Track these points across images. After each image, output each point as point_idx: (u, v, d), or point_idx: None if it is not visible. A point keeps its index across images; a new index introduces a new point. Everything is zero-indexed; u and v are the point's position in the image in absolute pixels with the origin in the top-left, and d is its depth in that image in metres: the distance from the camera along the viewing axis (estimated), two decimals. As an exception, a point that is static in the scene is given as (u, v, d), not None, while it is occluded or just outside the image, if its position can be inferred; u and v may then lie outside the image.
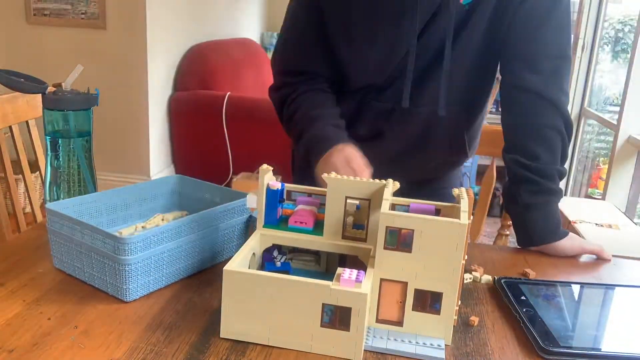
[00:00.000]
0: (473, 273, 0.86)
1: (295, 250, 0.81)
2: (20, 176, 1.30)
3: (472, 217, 0.70)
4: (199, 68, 3.48)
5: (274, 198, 0.77)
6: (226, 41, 4.01)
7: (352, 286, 0.63)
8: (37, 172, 1.37)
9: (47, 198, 0.94)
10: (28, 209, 1.32)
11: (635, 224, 2.43)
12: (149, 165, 3.25)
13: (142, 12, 3.03)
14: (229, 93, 3.33)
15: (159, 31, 3.19)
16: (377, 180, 0.74)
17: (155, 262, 0.75)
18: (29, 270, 0.80)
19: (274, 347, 0.66)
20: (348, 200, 0.75)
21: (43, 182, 1.36)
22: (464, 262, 0.67)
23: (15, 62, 3.15)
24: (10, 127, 1.27)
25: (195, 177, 0.98)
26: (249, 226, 0.89)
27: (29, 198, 1.31)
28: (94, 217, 0.87)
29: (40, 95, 0.92)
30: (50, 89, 0.92)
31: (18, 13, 3.15)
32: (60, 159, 0.93)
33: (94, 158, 0.96)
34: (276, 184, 0.77)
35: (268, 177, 0.77)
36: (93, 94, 0.93)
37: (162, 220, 0.90)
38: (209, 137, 3.35)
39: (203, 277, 0.81)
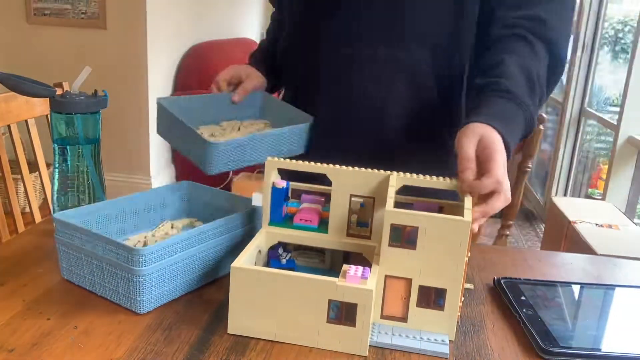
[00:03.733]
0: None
1: (299, 248, 0.82)
2: (19, 176, 1.30)
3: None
4: (199, 68, 3.48)
5: (279, 196, 0.77)
6: (226, 41, 4.01)
7: (358, 282, 0.64)
8: (37, 172, 1.36)
9: (55, 205, 0.93)
10: (27, 209, 1.32)
11: (635, 224, 2.43)
12: (148, 165, 3.25)
13: (142, 12, 3.03)
14: (229, 93, 3.33)
15: (159, 31, 3.19)
16: (379, 171, 0.75)
17: (169, 274, 0.73)
18: (29, 270, 0.80)
19: (274, 347, 0.66)
20: (352, 199, 0.75)
21: (43, 183, 1.36)
22: (467, 259, 0.67)
23: (16, 62, 3.15)
24: (8, 127, 1.27)
25: (195, 177, 0.97)
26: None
27: (28, 198, 1.31)
28: (102, 226, 0.84)
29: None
30: (58, 91, 0.91)
31: (18, 13, 3.15)
32: (69, 166, 0.92)
33: (102, 163, 0.95)
34: (281, 183, 0.77)
35: (274, 176, 0.77)
36: (102, 95, 0.92)
37: (172, 227, 0.90)
38: (209, 137, 3.35)
39: (203, 277, 0.81)
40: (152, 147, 3.26)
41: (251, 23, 4.99)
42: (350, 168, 0.75)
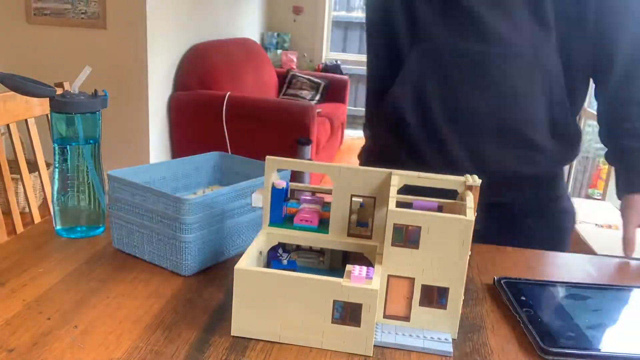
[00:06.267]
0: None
1: (298, 249, 0.82)
2: (19, 176, 1.30)
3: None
4: (199, 68, 3.48)
5: (279, 197, 0.77)
6: (226, 41, 4.02)
7: (363, 283, 0.64)
8: (37, 172, 1.36)
9: (55, 205, 0.93)
10: (27, 210, 1.32)
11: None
12: (148, 165, 3.25)
13: (142, 12, 3.03)
14: (229, 93, 3.33)
15: (159, 31, 3.19)
16: (380, 170, 0.75)
17: (212, 224, 0.82)
18: (29, 270, 0.80)
19: (274, 347, 0.66)
20: (353, 199, 0.75)
21: (42, 183, 1.36)
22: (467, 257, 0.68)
23: (16, 62, 3.15)
24: (8, 126, 1.27)
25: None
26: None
27: (27, 198, 1.31)
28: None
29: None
30: (59, 91, 0.91)
31: (18, 12, 3.15)
32: (69, 165, 0.92)
33: (102, 163, 0.95)
34: (281, 183, 0.77)
35: (273, 177, 0.77)
36: (102, 95, 0.92)
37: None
38: (209, 137, 3.35)
39: (203, 277, 0.81)
40: (152, 146, 3.26)
41: (251, 23, 4.99)
42: (351, 167, 0.75)
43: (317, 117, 3.42)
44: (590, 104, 3.68)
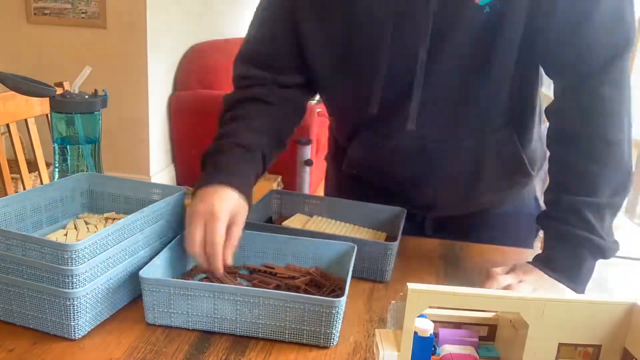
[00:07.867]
0: None
1: None
2: (18, 176, 1.30)
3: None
4: (199, 67, 3.48)
5: (424, 349, 0.49)
6: (226, 41, 4.01)
7: None
8: (37, 172, 1.36)
9: None
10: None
11: (635, 224, 2.42)
12: (148, 164, 3.25)
13: (142, 11, 3.03)
14: (229, 93, 3.33)
15: (159, 31, 3.19)
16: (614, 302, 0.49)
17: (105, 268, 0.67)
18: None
19: (273, 347, 0.66)
20: (562, 348, 0.49)
21: (42, 183, 1.36)
22: None
23: (16, 62, 3.15)
24: (7, 126, 1.27)
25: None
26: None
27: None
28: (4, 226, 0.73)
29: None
30: (59, 90, 0.91)
31: (18, 12, 3.15)
32: (69, 165, 0.91)
33: (102, 162, 0.95)
34: (427, 328, 0.48)
35: (419, 322, 0.49)
36: (102, 95, 0.92)
37: (113, 220, 0.82)
38: (209, 136, 3.33)
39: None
40: (152, 146, 3.26)
41: (251, 23, 4.99)
42: (565, 298, 0.47)
43: (317, 117, 3.42)
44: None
